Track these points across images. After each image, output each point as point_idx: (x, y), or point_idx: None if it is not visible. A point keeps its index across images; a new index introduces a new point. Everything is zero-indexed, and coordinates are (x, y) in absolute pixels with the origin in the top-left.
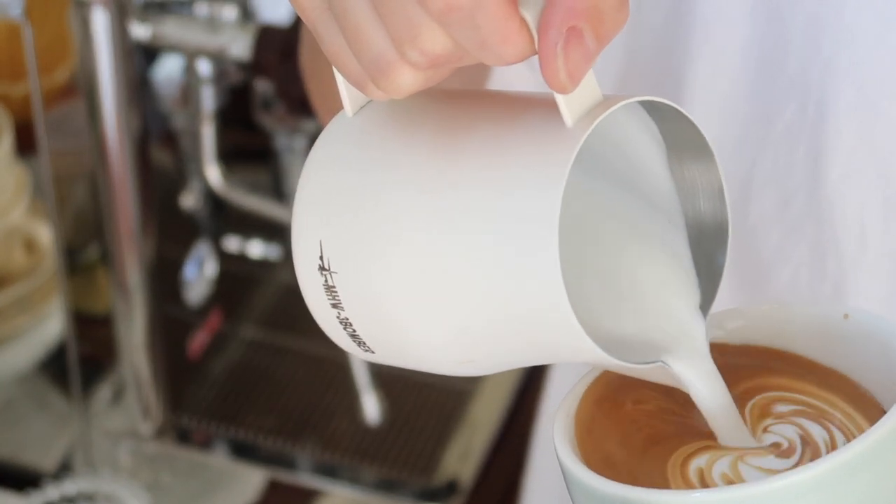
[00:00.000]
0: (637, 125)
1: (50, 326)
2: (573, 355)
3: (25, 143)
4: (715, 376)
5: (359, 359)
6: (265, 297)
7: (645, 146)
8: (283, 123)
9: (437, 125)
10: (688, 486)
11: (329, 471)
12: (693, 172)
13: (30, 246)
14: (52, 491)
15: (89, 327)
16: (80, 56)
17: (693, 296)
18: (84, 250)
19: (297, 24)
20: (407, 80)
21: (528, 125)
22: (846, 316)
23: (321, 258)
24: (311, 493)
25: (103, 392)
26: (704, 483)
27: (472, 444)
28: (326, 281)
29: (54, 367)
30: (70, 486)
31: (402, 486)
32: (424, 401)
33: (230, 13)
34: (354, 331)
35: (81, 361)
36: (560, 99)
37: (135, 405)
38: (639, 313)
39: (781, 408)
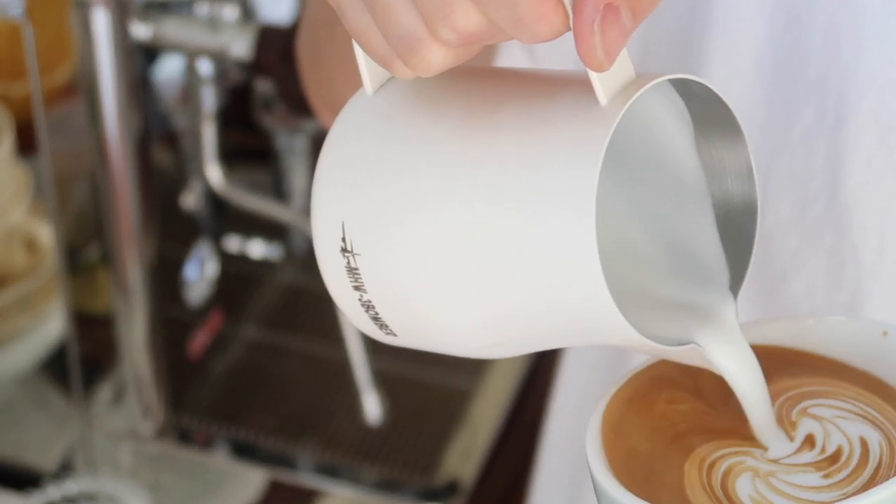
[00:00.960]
0: (665, 104)
1: (50, 326)
2: (606, 337)
3: (26, 143)
4: (748, 356)
5: (360, 359)
6: (266, 298)
7: (672, 126)
8: (283, 123)
9: (466, 102)
10: (703, 486)
11: (330, 471)
12: (721, 152)
13: (30, 246)
14: (53, 491)
15: (90, 327)
16: (81, 56)
17: (722, 277)
18: (84, 250)
19: (298, 24)
20: (437, 57)
21: (561, 103)
22: (885, 333)
23: (343, 239)
24: (311, 494)
25: (104, 392)
26: (725, 491)
27: (473, 444)
28: (349, 263)
29: (55, 367)
30: (71, 487)
31: (403, 486)
32: (425, 401)
33: (231, 13)
34: (377, 314)
35: (82, 361)
36: (594, 77)
37: (135, 405)
38: (669, 295)
39: (817, 408)
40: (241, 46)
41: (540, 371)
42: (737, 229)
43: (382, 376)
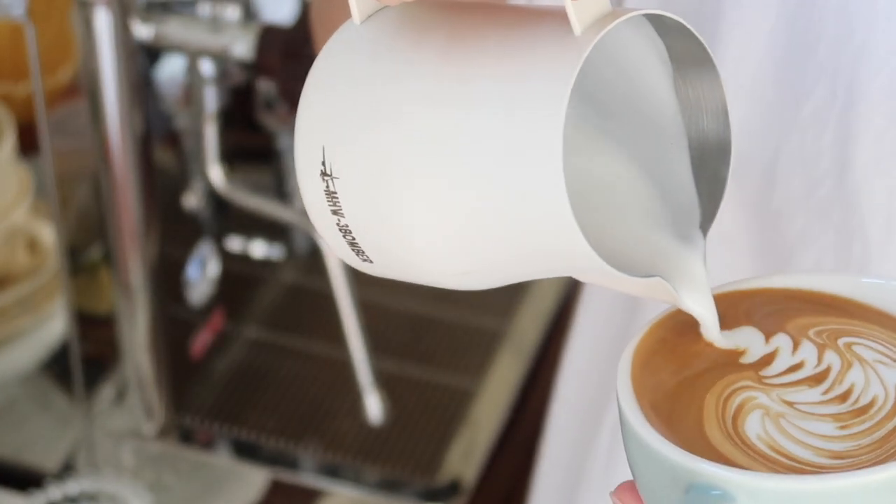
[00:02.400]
0: (643, 43)
1: (53, 326)
2: (570, 263)
3: (28, 144)
4: (708, 296)
5: (361, 359)
6: (268, 297)
7: (649, 64)
8: (285, 123)
9: (449, 28)
10: (718, 420)
11: (332, 471)
12: (697, 91)
13: (32, 246)
14: (55, 491)
15: (92, 327)
16: (83, 56)
17: (693, 215)
18: (87, 250)
19: (300, 24)
20: None
21: (539, 31)
22: None
23: (323, 163)
24: (313, 493)
25: (106, 392)
26: (735, 427)
27: (475, 444)
28: (328, 186)
29: (57, 367)
30: (73, 486)
31: (404, 485)
32: (427, 401)
33: (233, 13)
34: (354, 238)
35: (84, 361)
36: (570, 7)
37: (137, 405)
38: (640, 231)
39: (860, 347)
40: (242, 46)
41: (541, 371)
42: (711, 170)
43: (384, 376)
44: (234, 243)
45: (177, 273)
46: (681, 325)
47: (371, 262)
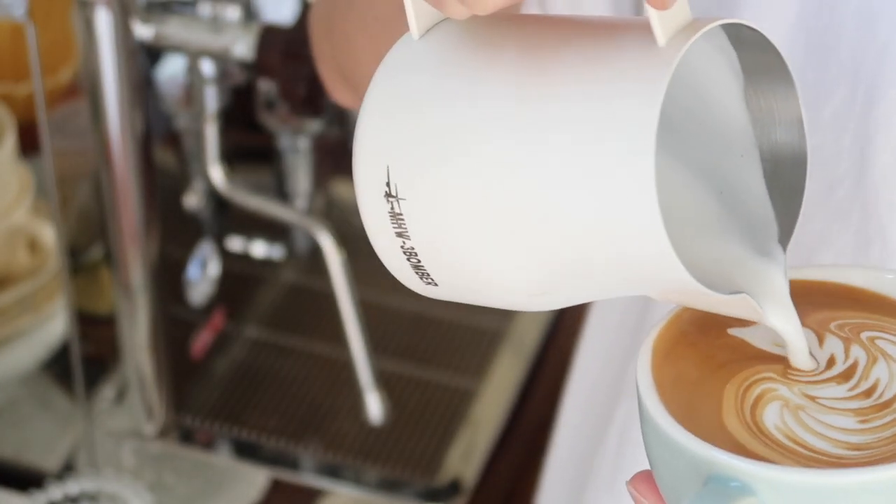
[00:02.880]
0: (714, 53)
1: (53, 326)
2: (656, 282)
3: (29, 144)
4: (793, 311)
5: (362, 358)
6: (268, 297)
7: (721, 75)
8: (286, 123)
9: (521, 43)
10: (737, 410)
11: (332, 470)
12: (770, 103)
13: (33, 246)
14: (55, 491)
15: (92, 327)
16: (84, 56)
17: (770, 229)
18: (87, 250)
19: (300, 24)
20: None
21: (620, 44)
22: None
23: (388, 184)
24: (314, 493)
25: (106, 392)
26: (754, 417)
27: (475, 444)
28: (392, 208)
29: (57, 367)
30: (73, 486)
31: (405, 485)
32: (427, 400)
33: (233, 13)
34: (419, 262)
35: (85, 361)
36: (654, 17)
37: (138, 405)
38: (716, 247)
39: (883, 342)
40: (243, 47)
41: (541, 371)
42: (785, 182)
43: (385, 376)
44: (235, 243)
45: (177, 273)
46: (701, 318)
47: (436, 285)
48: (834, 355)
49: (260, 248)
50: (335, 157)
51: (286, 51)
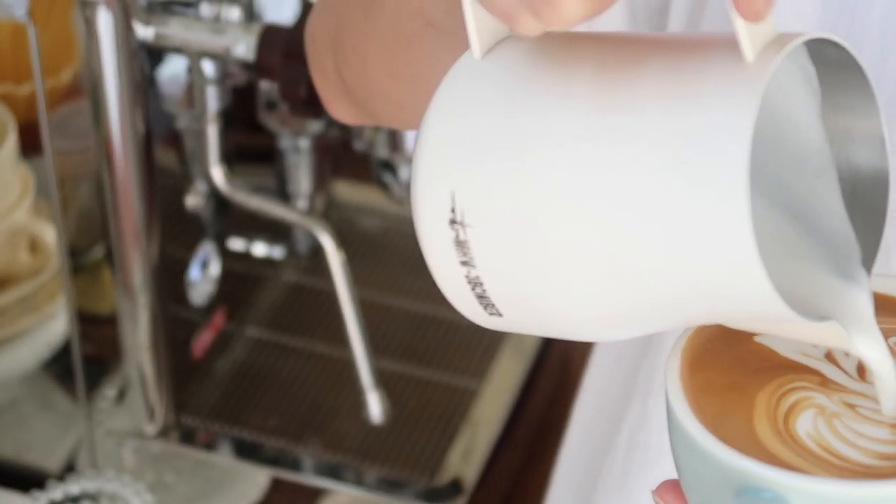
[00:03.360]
0: (792, 69)
1: (54, 326)
2: (746, 315)
3: (30, 144)
4: (880, 337)
5: (363, 358)
6: (269, 297)
7: (796, 93)
8: (287, 124)
9: (597, 61)
10: (769, 416)
11: (333, 470)
12: (849, 120)
13: (34, 246)
14: (56, 491)
15: (94, 327)
16: (85, 57)
17: (852, 252)
18: (88, 250)
19: (301, 24)
20: (576, 7)
21: (705, 59)
22: None
23: (453, 210)
24: (314, 493)
25: (107, 392)
26: (787, 424)
27: (476, 444)
28: (458, 236)
29: (59, 367)
30: (74, 486)
31: (405, 485)
32: (428, 400)
33: (234, 14)
34: (484, 291)
35: (86, 361)
36: (743, 31)
37: (139, 405)
38: (797, 272)
39: None
40: (244, 47)
41: (542, 371)
42: (866, 203)
43: (385, 376)
44: (236, 243)
45: (178, 273)
46: (726, 327)
47: (500, 315)
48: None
49: (261, 248)
50: (336, 157)
51: (287, 51)
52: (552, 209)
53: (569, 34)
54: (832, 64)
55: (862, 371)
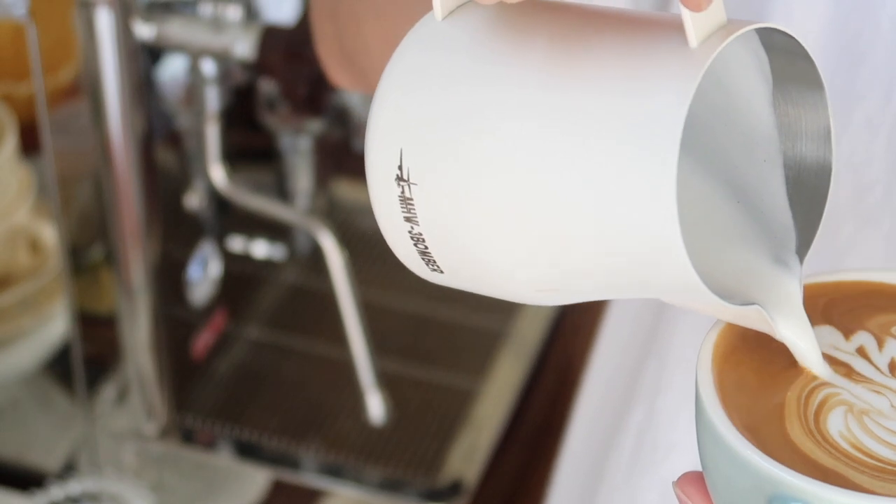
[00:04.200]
0: (745, 57)
1: (54, 327)
2: (667, 287)
3: (30, 143)
4: (807, 324)
5: (363, 358)
6: (270, 298)
7: (750, 79)
8: (287, 123)
9: (550, 32)
10: (799, 416)
11: (333, 471)
12: (799, 111)
13: (34, 246)
14: (57, 491)
15: (94, 327)
16: (85, 56)
17: (788, 239)
18: (88, 250)
19: (302, 24)
20: None
21: (651, 40)
22: None
23: (400, 167)
24: (315, 493)
25: (108, 392)
26: (818, 423)
27: (477, 444)
28: (403, 192)
29: (59, 367)
30: (74, 487)
31: (406, 486)
32: (429, 401)
33: (234, 13)
34: (426, 248)
35: (86, 362)
36: (687, 18)
37: (139, 405)
38: (732, 254)
39: None
40: (244, 46)
41: (543, 371)
42: (808, 192)
43: (386, 376)
44: (236, 243)
45: (178, 273)
46: None
47: (441, 272)
48: (894, 359)
49: (261, 249)
50: (336, 157)
51: (287, 51)
52: (491, 175)
53: (530, 2)
54: (785, 54)
55: (894, 367)
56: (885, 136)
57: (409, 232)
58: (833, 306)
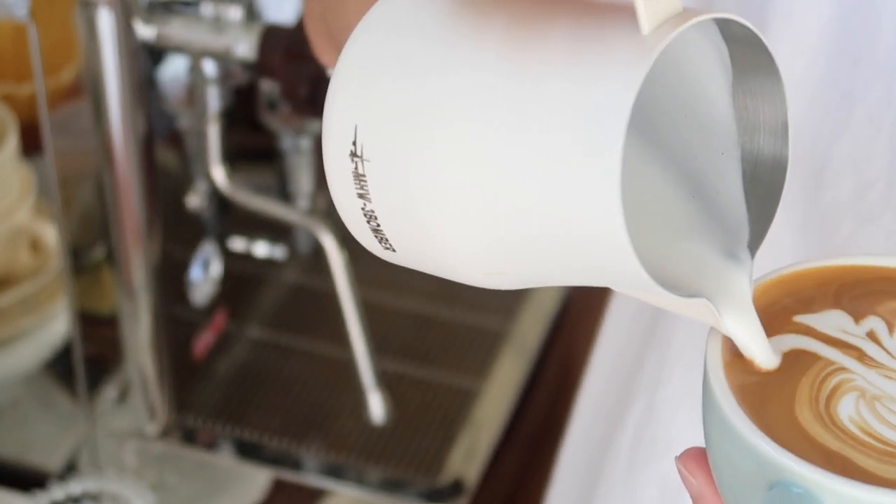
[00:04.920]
0: (705, 47)
1: (55, 327)
2: (613, 276)
3: (31, 144)
4: (754, 319)
5: (364, 358)
6: (271, 298)
7: (709, 71)
8: (288, 124)
9: (509, 15)
10: (811, 401)
11: (334, 471)
12: (757, 103)
13: (35, 246)
14: (58, 491)
15: (95, 327)
16: (86, 56)
17: (741, 233)
18: (89, 250)
19: (302, 24)
20: None
21: (605, 27)
22: None
23: (354, 143)
24: (316, 493)
25: (109, 392)
26: (829, 408)
27: (478, 444)
28: (356, 168)
29: (60, 367)
30: (75, 487)
31: (407, 485)
32: (430, 401)
33: (235, 13)
34: (378, 225)
35: (87, 361)
36: (640, 4)
37: (140, 405)
38: (684, 246)
39: None
40: (245, 47)
41: (543, 371)
42: (763, 188)
43: (387, 376)
44: (237, 243)
45: (179, 273)
46: (769, 304)
47: (393, 251)
48: None
49: (262, 249)
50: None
51: (288, 51)
52: (437, 154)
53: None
54: (745, 46)
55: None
56: (886, 134)
57: (363, 209)
58: (843, 291)
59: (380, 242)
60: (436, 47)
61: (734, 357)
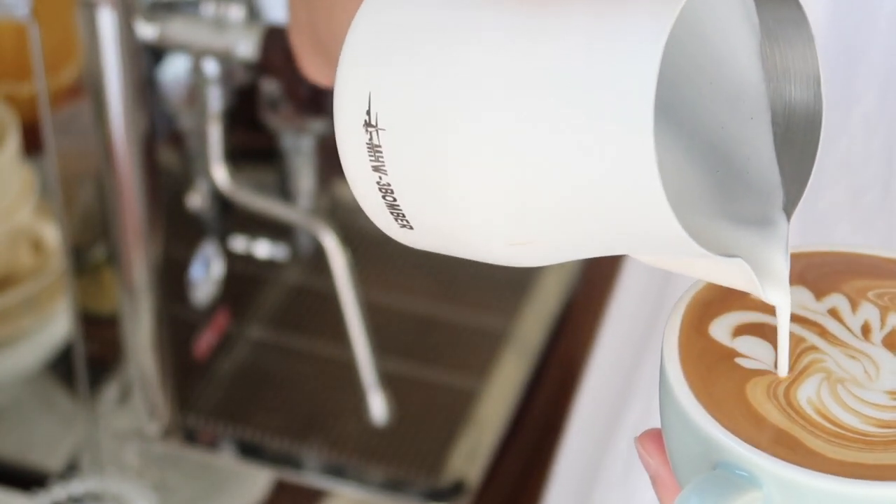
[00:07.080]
0: (731, 6)
1: (56, 327)
2: (645, 240)
3: (32, 143)
4: (786, 283)
5: (365, 359)
6: (272, 297)
7: (735, 31)
8: (289, 123)
9: None
10: (771, 384)
11: (336, 471)
12: (787, 57)
13: (36, 246)
14: (59, 491)
15: (96, 327)
16: (87, 56)
17: (775, 196)
18: (91, 250)
19: None
20: None
21: None
22: None
23: (368, 112)
24: (317, 493)
25: (110, 392)
26: (789, 388)
27: (479, 445)
28: (371, 139)
29: (61, 367)
30: (77, 487)
31: (408, 486)
32: (431, 401)
33: (237, 13)
34: (395, 200)
35: (88, 361)
36: None
37: (141, 405)
38: (713, 210)
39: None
40: (246, 46)
41: (545, 371)
42: (797, 146)
43: (388, 376)
44: (238, 243)
45: (181, 273)
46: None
47: (411, 228)
48: (868, 322)
49: (263, 249)
50: (339, 156)
51: (289, 51)
52: (459, 117)
53: None
54: (771, 2)
55: (866, 331)
56: (882, 136)
57: (378, 182)
58: (809, 270)
59: (396, 220)
60: (454, 8)
61: (692, 335)
